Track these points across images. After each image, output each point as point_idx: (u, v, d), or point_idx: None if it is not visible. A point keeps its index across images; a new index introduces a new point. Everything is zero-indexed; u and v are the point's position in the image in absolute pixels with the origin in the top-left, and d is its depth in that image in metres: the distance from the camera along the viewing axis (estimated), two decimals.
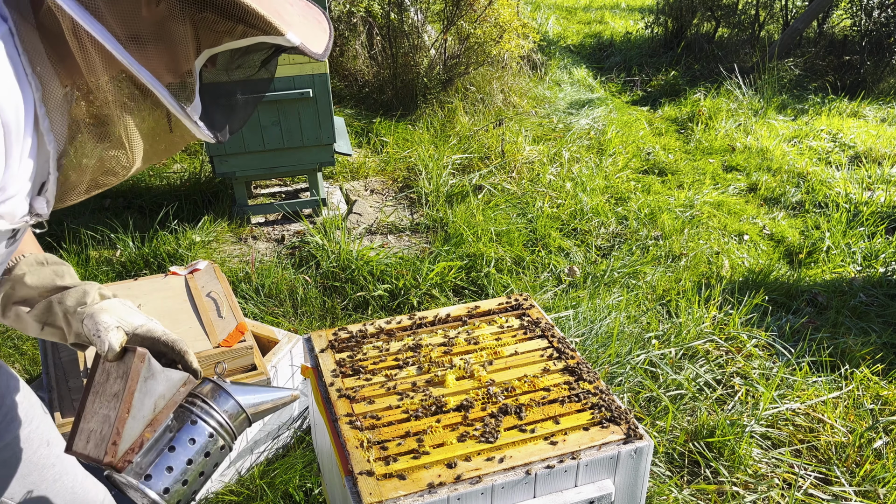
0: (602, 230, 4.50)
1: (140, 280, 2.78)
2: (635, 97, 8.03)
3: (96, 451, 1.11)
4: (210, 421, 1.21)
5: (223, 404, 1.23)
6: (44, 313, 1.22)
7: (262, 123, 4.10)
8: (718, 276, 4.02)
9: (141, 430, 1.14)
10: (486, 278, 3.79)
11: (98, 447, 1.11)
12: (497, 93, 6.81)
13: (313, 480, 2.42)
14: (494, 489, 1.42)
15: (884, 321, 3.66)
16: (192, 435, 1.19)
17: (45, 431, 1.44)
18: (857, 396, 2.97)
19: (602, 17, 11.92)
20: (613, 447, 1.51)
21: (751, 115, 6.90)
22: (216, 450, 1.22)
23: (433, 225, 4.48)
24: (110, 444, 1.09)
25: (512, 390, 1.69)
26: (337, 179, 5.19)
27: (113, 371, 1.16)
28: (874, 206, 4.89)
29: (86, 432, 1.14)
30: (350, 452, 1.48)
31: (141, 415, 1.14)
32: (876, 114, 7.27)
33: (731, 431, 2.68)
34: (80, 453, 1.14)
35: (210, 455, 1.21)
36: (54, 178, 0.99)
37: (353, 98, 6.69)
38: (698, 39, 9.08)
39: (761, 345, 3.34)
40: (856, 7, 8.42)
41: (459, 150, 5.54)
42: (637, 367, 3.00)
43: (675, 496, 2.45)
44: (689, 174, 5.64)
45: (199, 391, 1.24)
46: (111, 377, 1.15)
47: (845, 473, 2.58)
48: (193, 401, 1.22)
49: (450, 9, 6.50)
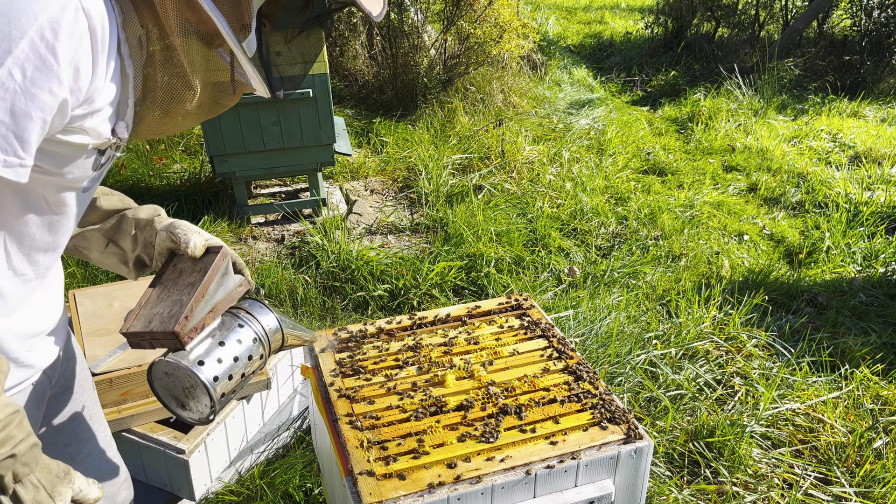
0: (602, 230, 4.50)
1: (140, 280, 2.78)
2: (635, 97, 8.03)
3: (163, 325, 1.18)
4: (255, 327, 1.30)
5: (264, 318, 1.33)
6: (112, 228, 1.30)
7: (262, 123, 4.10)
8: (718, 276, 4.02)
9: (205, 316, 1.23)
10: (486, 278, 3.79)
11: (165, 323, 1.18)
12: (497, 93, 6.81)
13: (313, 480, 2.42)
14: (494, 489, 1.42)
15: (884, 321, 3.66)
16: (239, 336, 1.27)
17: (91, 405, 1.49)
18: (857, 396, 2.97)
19: (602, 17, 11.93)
20: (613, 447, 1.51)
21: (751, 115, 6.90)
22: (256, 356, 1.30)
23: (433, 225, 4.48)
24: (182, 318, 1.17)
25: (512, 390, 1.69)
26: (337, 179, 5.19)
27: (188, 268, 1.26)
28: (874, 206, 4.89)
29: (147, 316, 1.22)
30: (350, 452, 1.48)
31: (209, 304, 1.24)
32: (876, 114, 7.27)
33: (731, 431, 2.68)
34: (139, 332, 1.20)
35: (251, 359, 1.29)
36: (132, 103, 1.04)
37: (353, 98, 6.69)
38: (698, 39, 9.08)
39: (761, 345, 3.34)
40: (856, 7, 8.42)
41: (459, 150, 5.54)
42: (637, 367, 3.00)
43: (675, 496, 2.45)
44: (689, 174, 5.64)
45: (243, 304, 1.34)
46: (185, 272, 1.26)
47: (845, 473, 2.58)
48: (239, 308, 1.32)
49: (450, 9, 6.50)
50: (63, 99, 0.89)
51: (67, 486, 1.03)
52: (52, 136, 0.95)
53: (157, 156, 5.24)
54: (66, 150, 0.99)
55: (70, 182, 1.05)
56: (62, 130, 0.96)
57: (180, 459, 2.22)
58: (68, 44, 0.87)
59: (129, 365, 2.27)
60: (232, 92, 1.16)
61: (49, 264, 1.15)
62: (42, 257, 1.12)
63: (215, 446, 2.34)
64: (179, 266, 1.28)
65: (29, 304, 1.15)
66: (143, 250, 1.31)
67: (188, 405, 1.25)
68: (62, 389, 1.39)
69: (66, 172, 1.02)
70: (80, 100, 0.93)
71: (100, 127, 1.00)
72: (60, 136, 0.96)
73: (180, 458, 2.22)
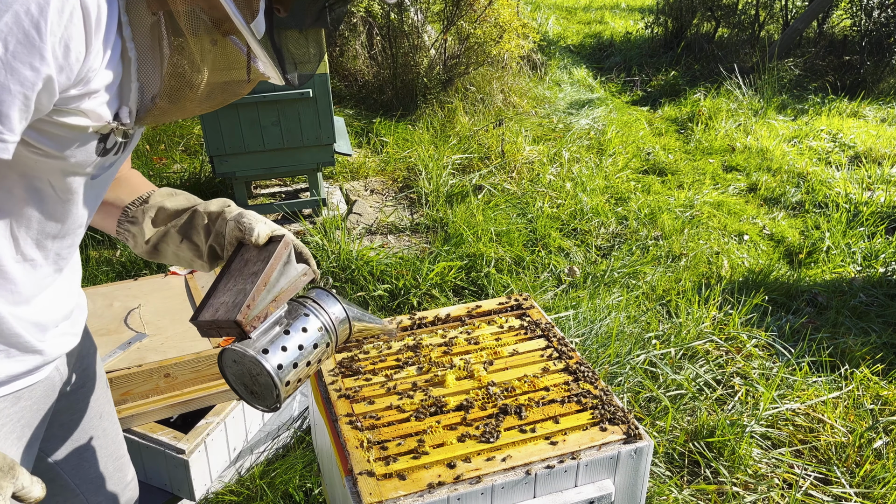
0: (602, 230, 4.50)
1: (140, 280, 2.78)
2: (635, 97, 8.03)
3: (227, 314, 1.19)
4: (321, 316, 1.30)
5: (331, 307, 1.32)
6: (186, 224, 1.33)
7: (262, 123, 4.10)
8: (718, 276, 4.02)
9: (268, 304, 1.24)
10: (486, 278, 3.79)
11: (229, 311, 1.19)
12: (497, 93, 6.81)
13: (313, 480, 2.42)
14: (494, 489, 1.42)
15: (884, 321, 3.66)
16: (305, 325, 1.27)
17: (103, 403, 1.49)
18: (857, 396, 2.97)
19: (602, 17, 11.93)
20: (613, 447, 1.51)
21: (751, 116, 6.90)
22: (322, 345, 1.30)
23: (433, 225, 4.48)
24: (244, 307, 1.18)
25: (512, 390, 1.69)
26: (337, 179, 5.19)
27: (254, 257, 1.28)
28: (874, 206, 4.89)
29: (214, 306, 1.24)
30: (350, 452, 1.48)
31: (272, 292, 1.24)
32: (876, 114, 7.27)
33: (731, 431, 2.68)
34: (207, 321, 1.22)
35: (317, 347, 1.28)
36: (136, 87, 1.03)
37: (353, 98, 6.69)
38: (698, 39, 9.09)
39: (761, 345, 3.34)
40: (856, 7, 8.42)
41: (459, 150, 5.54)
42: (637, 367, 3.00)
43: (675, 496, 2.45)
44: (689, 174, 5.64)
45: (309, 293, 1.34)
46: (250, 262, 1.27)
47: (845, 474, 2.58)
48: (305, 297, 1.32)
49: (450, 9, 6.50)
50: (47, 76, 0.88)
51: (10, 481, 1.01)
52: (49, 117, 0.95)
53: (157, 156, 5.24)
54: (65, 133, 0.99)
55: (73, 167, 1.05)
56: (59, 112, 0.95)
57: (180, 459, 2.22)
58: (56, 20, 0.86)
59: (129, 365, 2.27)
60: (245, 79, 1.15)
61: (61, 252, 1.15)
62: (52, 244, 1.12)
63: (215, 446, 2.34)
64: (245, 256, 1.30)
65: (43, 295, 1.15)
66: (216, 240, 1.33)
67: (257, 392, 1.26)
68: (77, 387, 1.40)
69: (68, 156, 1.02)
70: (71, 79, 0.92)
71: (99, 109, 0.99)
72: (59, 117, 0.96)
73: (180, 458, 2.22)
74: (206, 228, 1.33)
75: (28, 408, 1.20)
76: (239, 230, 1.29)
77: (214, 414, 2.35)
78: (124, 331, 2.45)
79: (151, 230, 1.33)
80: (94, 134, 1.03)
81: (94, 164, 1.08)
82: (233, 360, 1.25)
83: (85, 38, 0.91)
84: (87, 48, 0.91)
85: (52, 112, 0.95)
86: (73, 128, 0.99)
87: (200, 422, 2.33)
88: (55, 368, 1.27)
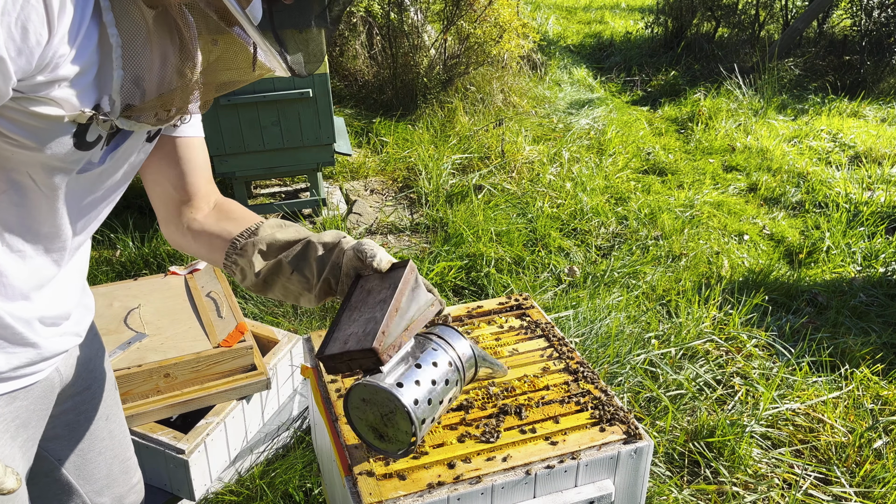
0: (602, 230, 4.50)
1: (140, 280, 2.78)
2: (635, 97, 8.03)
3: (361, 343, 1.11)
4: (449, 351, 1.24)
5: (458, 343, 1.27)
6: (298, 256, 1.27)
7: (261, 123, 4.10)
8: (718, 276, 4.02)
9: (401, 333, 1.16)
10: (486, 278, 3.79)
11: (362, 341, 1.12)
12: (497, 93, 6.81)
13: (313, 480, 2.42)
14: (494, 489, 1.42)
15: (884, 321, 3.66)
16: (435, 359, 1.21)
17: (111, 405, 1.48)
18: (857, 396, 2.97)
19: (602, 17, 11.93)
20: (613, 447, 1.51)
21: (751, 115, 6.90)
22: (453, 382, 1.23)
23: (433, 225, 4.48)
24: (379, 334, 1.11)
25: (512, 390, 1.69)
26: (337, 179, 5.19)
27: (377, 286, 1.21)
28: (874, 206, 4.89)
29: (342, 338, 1.16)
30: (350, 452, 1.48)
31: (405, 319, 1.17)
32: (876, 114, 7.27)
33: (731, 431, 2.68)
34: (336, 353, 1.15)
35: (447, 384, 1.21)
36: (119, 75, 0.98)
37: (353, 98, 6.69)
38: (698, 39, 9.09)
39: (761, 345, 3.34)
40: (856, 7, 8.42)
41: (459, 150, 5.54)
42: (637, 367, 3.00)
43: (675, 496, 2.45)
44: (689, 174, 5.64)
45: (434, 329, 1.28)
46: (374, 291, 1.20)
47: (845, 473, 2.58)
48: (430, 332, 1.26)
49: (450, 9, 6.50)
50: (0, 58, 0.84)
51: None
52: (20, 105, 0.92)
53: None
54: (40, 123, 0.95)
55: (51, 159, 1.01)
56: (29, 100, 0.92)
57: (180, 459, 2.22)
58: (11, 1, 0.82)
59: (129, 365, 2.27)
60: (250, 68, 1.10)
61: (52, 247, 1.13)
62: (41, 239, 1.10)
63: (215, 446, 2.34)
64: (367, 286, 1.23)
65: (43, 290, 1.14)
66: (330, 272, 1.26)
67: (387, 434, 1.19)
68: (83, 388, 1.39)
69: (45, 148, 0.98)
70: (32, 63, 0.87)
71: (72, 98, 0.95)
72: (30, 106, 0.92)
73: (180, 458, 2.22)
74: (320, 260, 1.27)
75: (24, 408, 1.20)
76: (358, 259, 1.24)
77: (214, 414, 2.35)
78: (124, 331, 2.45)
79: (262, 263, 1.28)
80: (70, 124, 0.99)
81: (75, 159, 1.04)
82: (362, 398, 1.16)
83: (47, 20, 0.86)
84: (49, 31, 0.87)
85: (22, 100, 0.91)
86: (47, 118, 0.95)
87: (200, 422, 2.33)
88: (56, 370, 1.26)
